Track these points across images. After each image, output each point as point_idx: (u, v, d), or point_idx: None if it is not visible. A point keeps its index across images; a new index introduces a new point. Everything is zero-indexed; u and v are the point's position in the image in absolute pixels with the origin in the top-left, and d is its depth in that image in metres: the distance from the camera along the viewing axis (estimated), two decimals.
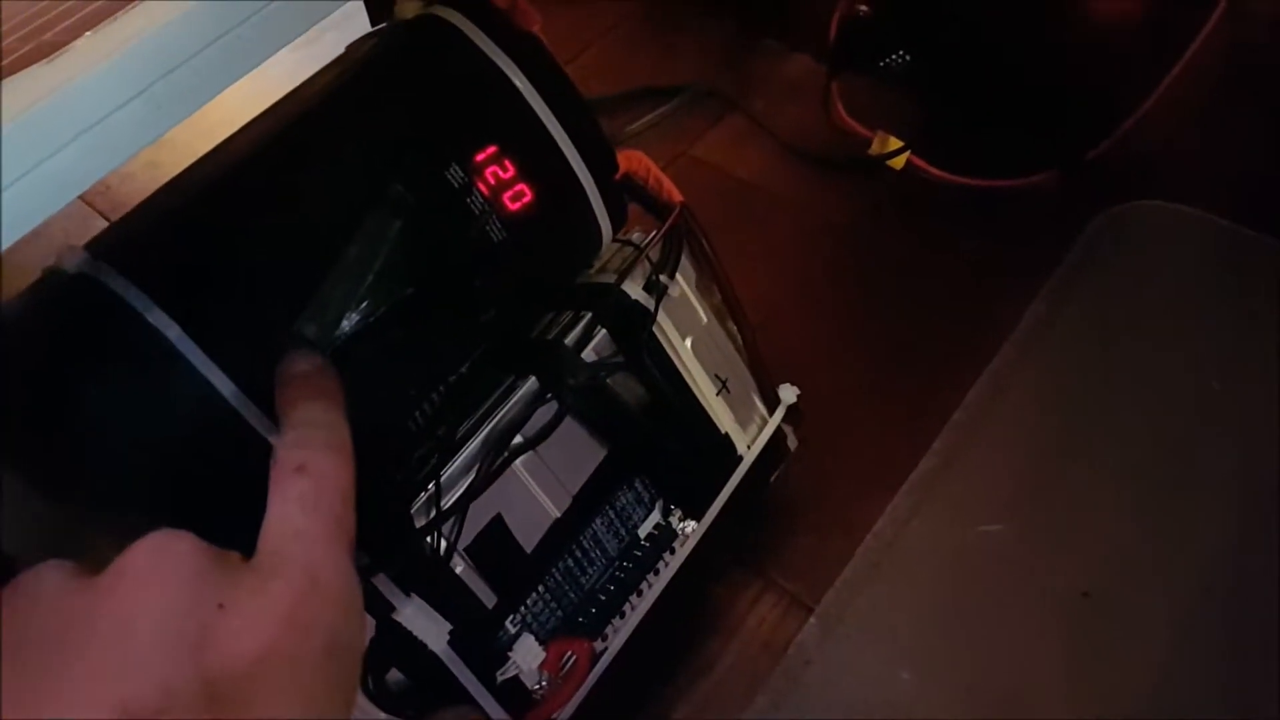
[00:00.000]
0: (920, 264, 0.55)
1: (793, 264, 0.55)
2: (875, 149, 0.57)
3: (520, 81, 0.34)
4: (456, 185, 0.33)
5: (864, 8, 0.58)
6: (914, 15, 0.57)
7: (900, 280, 0.55)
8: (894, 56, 0.60)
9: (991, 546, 0.48)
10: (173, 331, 0.28)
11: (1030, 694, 0.43)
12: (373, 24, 0.38)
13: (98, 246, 0.29)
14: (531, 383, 0.37)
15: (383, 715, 0.33)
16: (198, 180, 0.31)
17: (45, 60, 0.25)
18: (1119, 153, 0.56)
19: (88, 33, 0.25)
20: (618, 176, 0.39)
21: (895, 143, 0.57)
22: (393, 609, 0.32)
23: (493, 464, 0.35)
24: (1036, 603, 0.46)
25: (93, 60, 0.24)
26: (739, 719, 0.43)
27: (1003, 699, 0.43)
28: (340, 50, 0.36)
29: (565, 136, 0.35)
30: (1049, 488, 0.49)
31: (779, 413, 0.44)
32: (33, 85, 0.25)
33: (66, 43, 0.25)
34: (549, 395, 0.37)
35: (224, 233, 0.30)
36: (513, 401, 0.36)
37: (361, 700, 0.32)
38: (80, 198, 0.34)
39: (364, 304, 0.31)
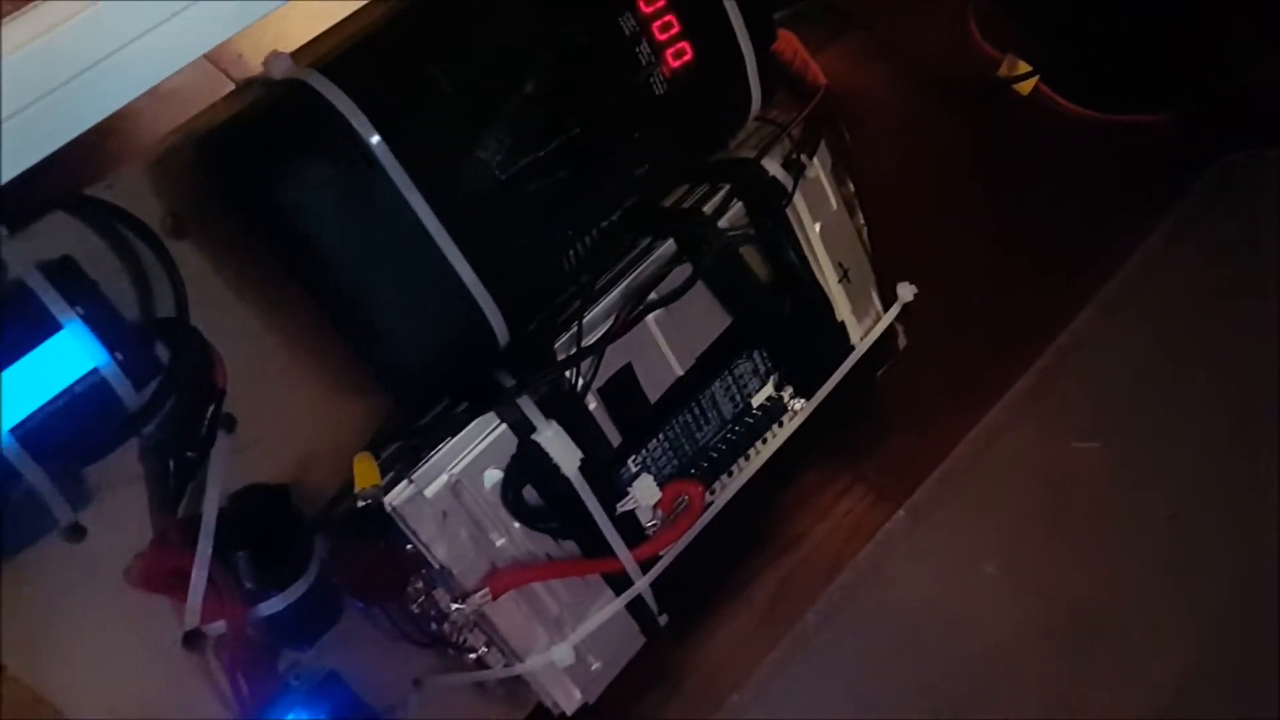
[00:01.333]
0: (1039, 189, 0.54)
1: (913, 176, 0.54)
2: (1004, 71, 0.57)
3: None
4: (628, 33, 0.34)
5: None
6: None
7: (1019, 202, 0.54)
8: None
9: (1083, 463, 0.48)
10: (372, 137, 0.30)
11: (1106, 605, 0.44)
12: None
13: (301, 58, 0.31)
14: (669, 244, 0.38)
15: (518, 525, 0.35)
16: (392, 10, 0.33)
17: None
18: (1246, 97, 0.54)
19: None
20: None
21: (1024, 67, 0.56)
22: (533, 429, 0.34)
23: (629, 315, 0.37)
24: (1123, 520, 0.46)
25: None
26: (822, 593, 0.45)
27: (1079, 606, 0.44)
28: None
29: (734, 2, 0.36)
30: (1145, 413, 0.49)
31: (894, 309, 0.44)
32: None
33: None
34: (684, 258, 0.38)
35: (418, 57, 0.31)
36: (651, 260, 0.38)
37: (501, 511, 0.35)
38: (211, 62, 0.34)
39: (535, 138, 0.33)
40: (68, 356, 0.29)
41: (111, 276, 0.31)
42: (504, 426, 0.34)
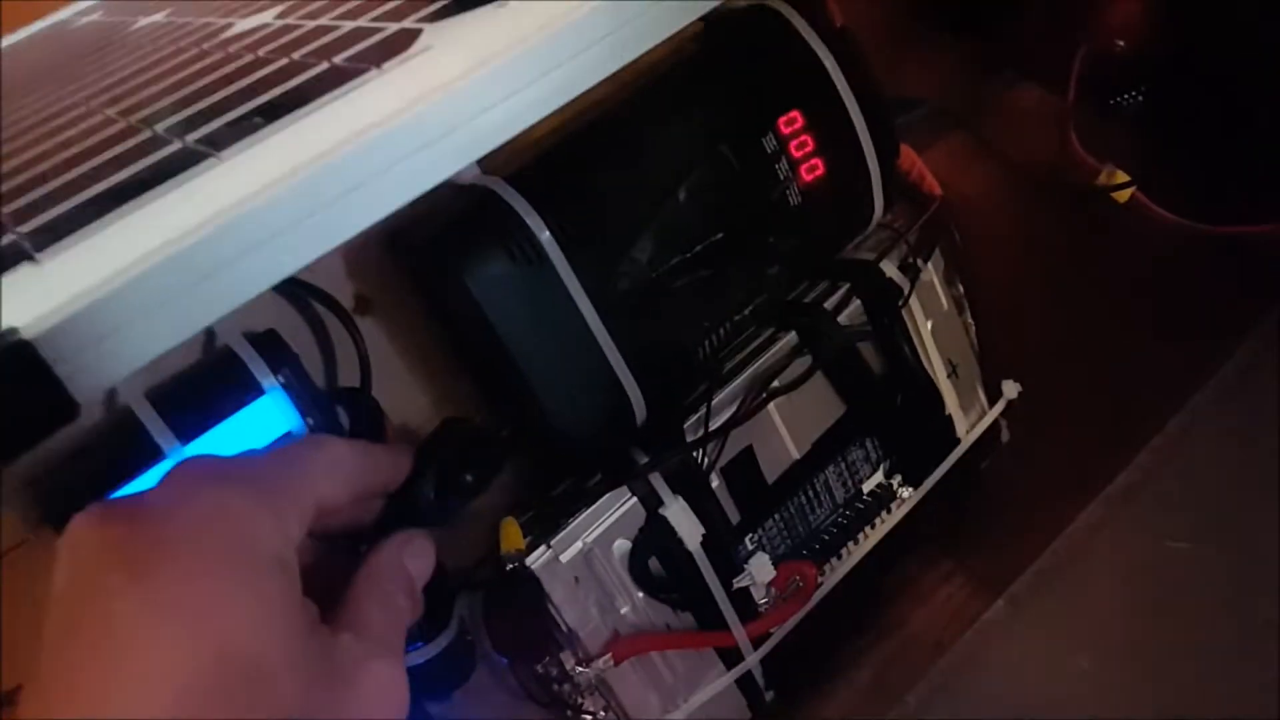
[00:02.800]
0: (1135, 294, 0.55)
1: (1014, 276, 0.56)
2: (1103, 180, 0.58)
3: (832, 67, 0.38)
4: (769, 151, 0.37)
5: (1121, 42, 0.59)
6: (1169, 54, 0.57)
7: (1115, 306, 0.55)
8: (1128, 95, 0.61)
9: (1178, 562, 0.48)
10: (544, 235, 0.33)
11: (1200, 706, 0.44)
12: None
13: (485, 164, 0.35)
14: (791, 336, 0.40)
15: (641, 595, 0.37)
16: (565, 124, 0.36)
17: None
18: None
19: None
20: None
21: (1122, 176, 0.58)
22: (661, 503, 0.36)
23: (753, 401, 0.39)
24: (1218, 622, 0.46)
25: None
26: (922, 677, 0.45)
27: (1175, 705, 0.43)
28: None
29: (862, 121, 0.38)
30: (1240, 517, 0.48)
31: (999, 406, 0.46)
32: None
33: None
34: (805, 350, 0.40)
35: (588, 168, 0.35)
36: (774, 350, 0.40)
37: (627, 580, 0.37)
38: None
39: (683, 241, 0.36)
40: (267, 419, 0.33)
41: (305, 348, 0.35)
42: (634, 500, 0.37)
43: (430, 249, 0.34)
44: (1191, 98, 0.58)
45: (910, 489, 0.43)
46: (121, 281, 0.23)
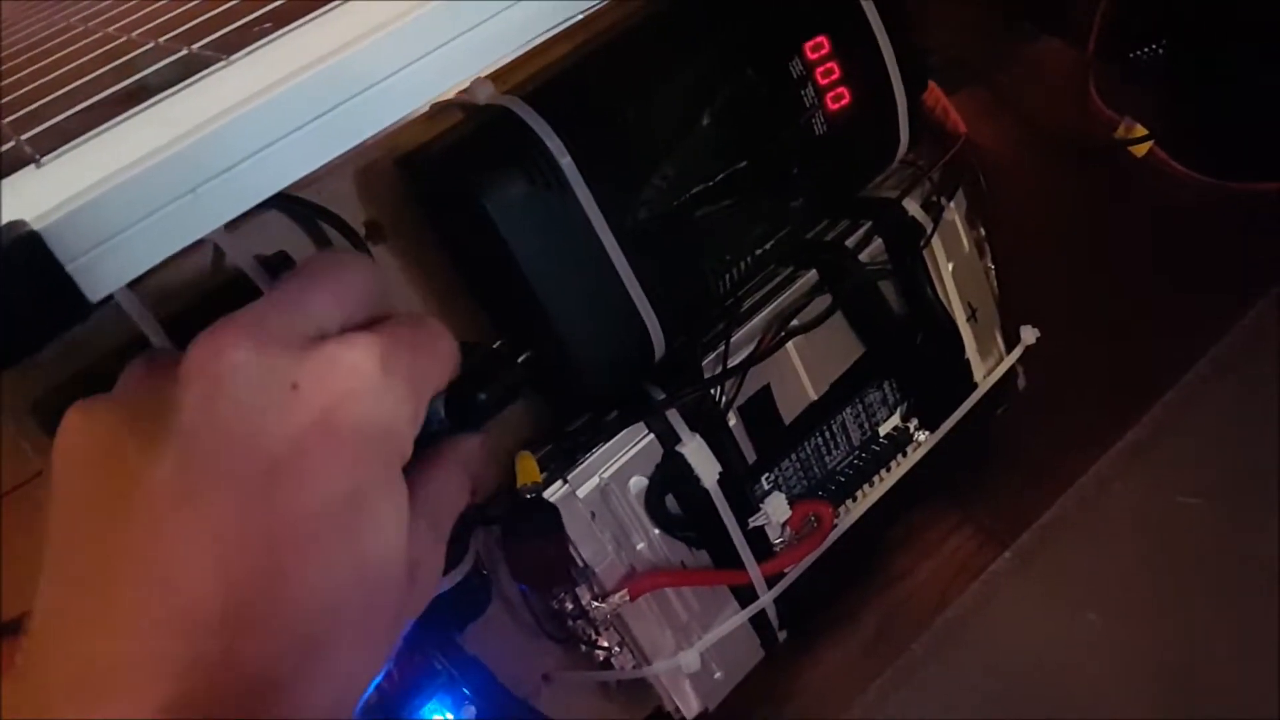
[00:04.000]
0: (1156, 248, 0.54)
1: (1033, 226, 0.54)
2: (1121, 134, 0.56)
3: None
4: (796, 76, 0.35)
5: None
6: (1189, 6, 0.56)
7: (1133, 259, 0.54)
8: (1148, 48, 0.59)
9: (1188, 517, 0.47)
10: (564, 159, 0.31)
11: (1207, 663, 0.43)
12: None
13: (503, 84, 0.33)
14: (812, 274, 0.39)
15: (658, 531, 0.36)
16: (585, 45, 0.34)
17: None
18: None
19: None
20: None
21: (1141, 130, 0.56)
22: (679, 440, 0.35)
23: (772, 339, 0.38)
24: (1226, 577, 0.45)
25: None
26: (928, 627, 0.44)
27: (1179, 660, 0.43)
28: None
29: (891, 50, 0.37)
30: (1252, 473, 0.48)
31: (1017, 351, 0.44)
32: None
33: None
34: (825, 288, 0.39)
35: (609, 91, 0.33)
36: (794, 288, 0.39)
37: (643, 517, 0.36)
38: None
39: (706, 169, 0.34)
40: None
41: None
42: (651, 436, 0.35)
43: (445, 170, 0.32)
44: (1211, 52, 0.57)
45: (926, 432, 0.42)
46: (124, 179, 0.21)
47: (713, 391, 0.37)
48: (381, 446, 0.22)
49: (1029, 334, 0.45)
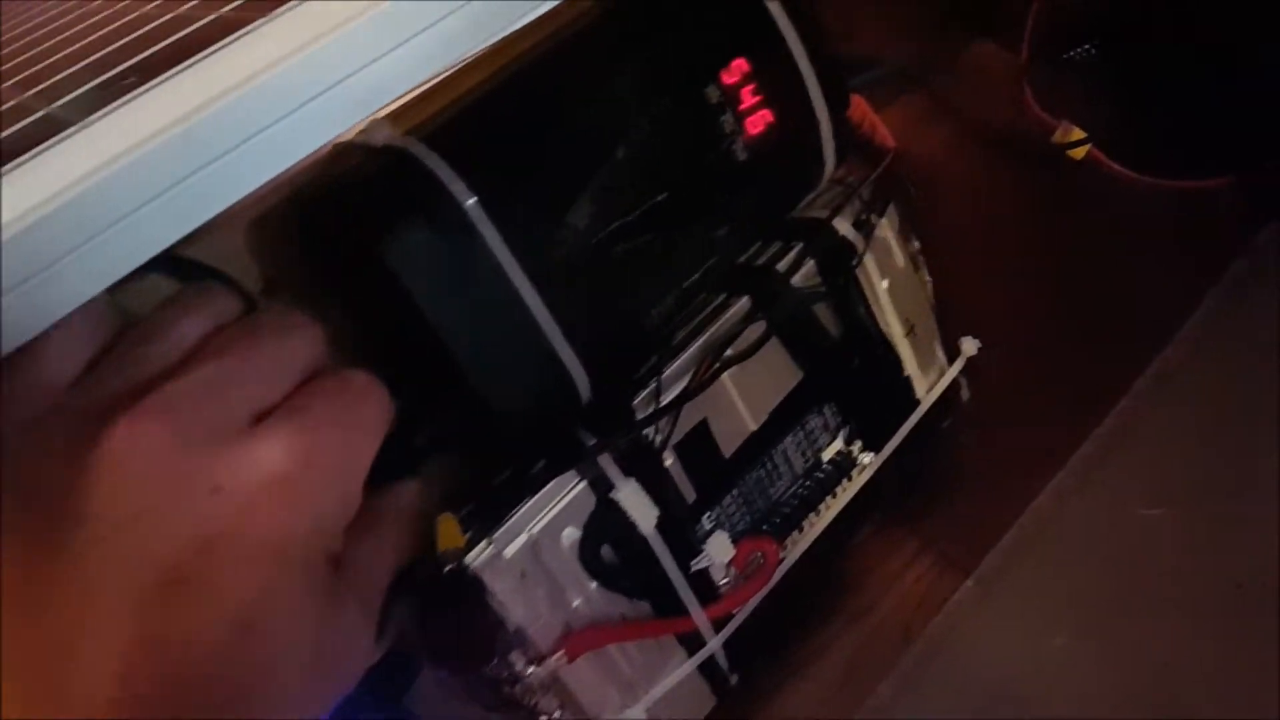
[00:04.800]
0: (1098, 252, 0.54)
1: (972, 236, 0.54)
2: (1058, 138, 0.56)
3: (776, 11, 0.35)
4: (713, 103, 0.34)
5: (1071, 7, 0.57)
6: (1118, 11, 0.56)
7: (1078, 264, 0.54)
8: (1082, 49, 0.59)
9: (1150, 530, 0.46)
10: (469, 201, 0.30)
11: (1177, 677, 0.43)
12: None
13: (401, 124, 0.32)
14: (744, 302, 0.38)
15: (595, 585, 0.34)
16: (490, 78, 0.33)
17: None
18: None
19: None
20: None
21: (1078, 133, 0.56)
22: (612, 486, 0.34)
23: (706, 372, 0.36)
24: (1193, 591, 0.44)
25: None
26: (895, 665, 0.43)
27: (1148, 680, 0.42)
28: None
29: (810, 69, 0.36)
30: (1210, 480, 0.47)
31: (958, 363, 0.44)
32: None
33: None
34: (759, 315, 0.38)
35: (516, 126, 0.31)
36: (726, 317, 0.37)
37: (578, 570, 0.34)
38: None
39: (624, 204, 0.32)
40: None
41: None
42: (583, 484, 0.34)
43: (339, 221, 0.30)
44: (1143, 51, 0.57)
45: (871, 454, 0.41)
46: None
47: (647, 431, 0.35)
48: (301, 549, 0.21)
49: (969, 345, 0.44)
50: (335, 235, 0.31)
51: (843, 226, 0.39)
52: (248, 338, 0.24)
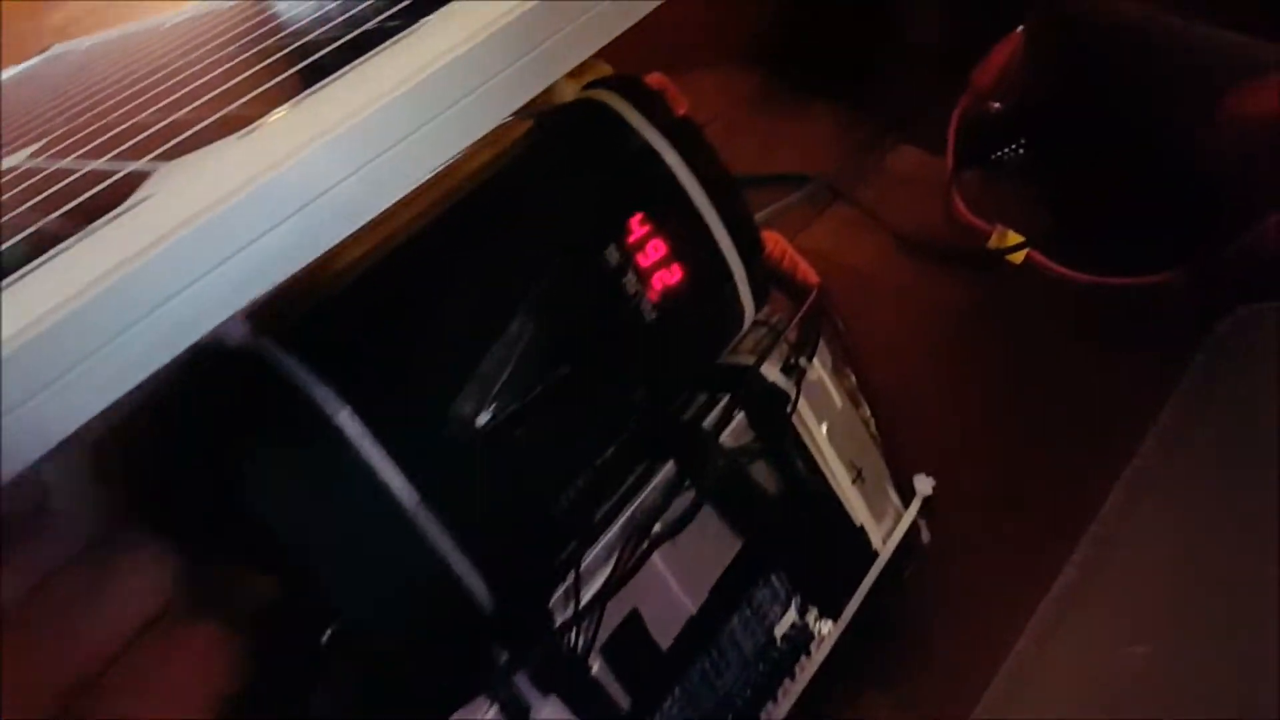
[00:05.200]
0: (1044, 361, 0.51)
1: (913, 355, 0.52)
2: (994, 243, 0.55)
3: (674, 161, 0.33)
4: (613, 265, 0.31)
5: (996, 105, 0.56)
6: (1039, 107, 0.55)
7: (1024, 377, 0.51)
8: (1009, 149, 0.58)
9: (1137, 670, 0.42)
10: (339, 411, 0.26)
11: None
12: None
13: (260, 321, 0.28)
14: (669, 468, 0.34)
15: None
16: (360, 260, 0.30)
17: (237, 135, 0.24)
18: (1252, 253, 0.53)
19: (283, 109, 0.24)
20: None
21: (1015, 237, 0.54)
22: (529, 709, 0.29)
23: (632, 554, 0.33)
24: None
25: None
26: None
27: None
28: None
29: (715, 216, 0.33)
30: (1196, 606, 0.43)
31: (914, 505, 0.40)
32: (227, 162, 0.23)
33: (255, 117, 0.25)
34: (687, 482, 0.34)
35: (388, 312, 0.28)
36: (651, 487, 0.34)
37: None
38: None
39: (519, 385, 0.29)
40: None
41: None
42: (495, 710, 0.29)
43: (192, 441, 0.27)
44: (1071, 147, 0.56)
45: (829, 622, 0.37)
46: None
47: (568, 635, 0.31)
48: None
49: (923, 484, 0.41)
50: (189, 463, 0.28)
51: (771, 373, 0.37)
52: (88, 591, 0.21)
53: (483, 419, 0.28)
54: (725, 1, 0.68)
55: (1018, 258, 0.54)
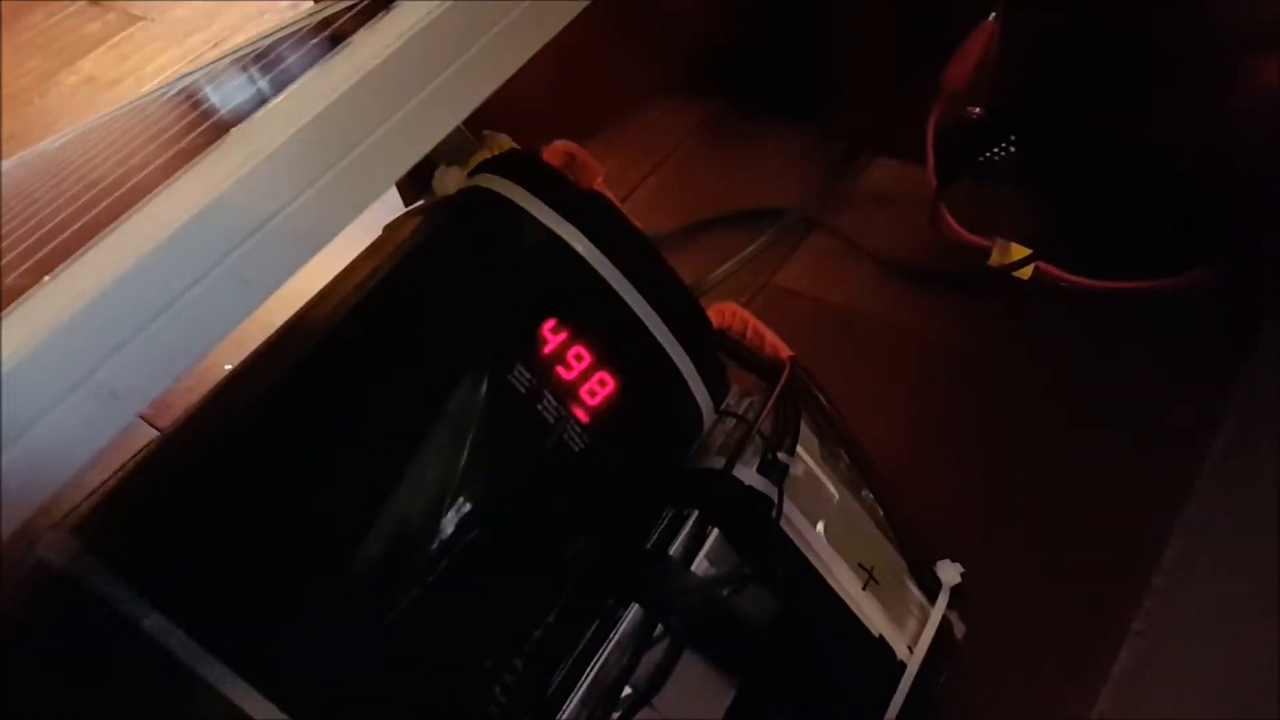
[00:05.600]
0: (1067, 391, 0.44)
1: (914, 401, 0.45)
2: (996, 259, 0.47)
3: (585, 248, 0.27)
4: (524, 389, 0.26)
5: (976, 110, 0.50)
6: (1027, 102, 0.49)
7: (1047, 413, 0.44)
8: (998, 149, 0.52)
9: None
10: (174, 639, 0.21)
11: None
12: (404, 200, 0.33)
13: (88, 527, 0.23)
14: (635, 613, 0.28)
15: None
16: (213, 426, 0.25)
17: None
18: None
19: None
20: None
21: (1019, 250, 0.47)
22: None
23: None
24: None
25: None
26: None
27: None
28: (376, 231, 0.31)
29: (646, 305, 0.28)
30: (1262, 688, 0.37)
31: (942, 598, 0.34)
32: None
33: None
34: (658, 628, 0.29)
35: (238, 500, 0.23)
36: (614, 640, 0.28)
37: None
38: None
39: (415, 564, 0.24)
40: None
41: None
42: None
43: (16, 684, 0.22)
44: (1069, 135, 0.50)
45: None
46: None
47: None
48: None
49: (949, 571, 0.34)
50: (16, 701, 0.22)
51: (747, 474, 0.30)
52: None
53: (373, 618, 0.23)
54: (666, 25, 0.63)
55: (1025, 273, 0.48)
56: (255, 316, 0.21)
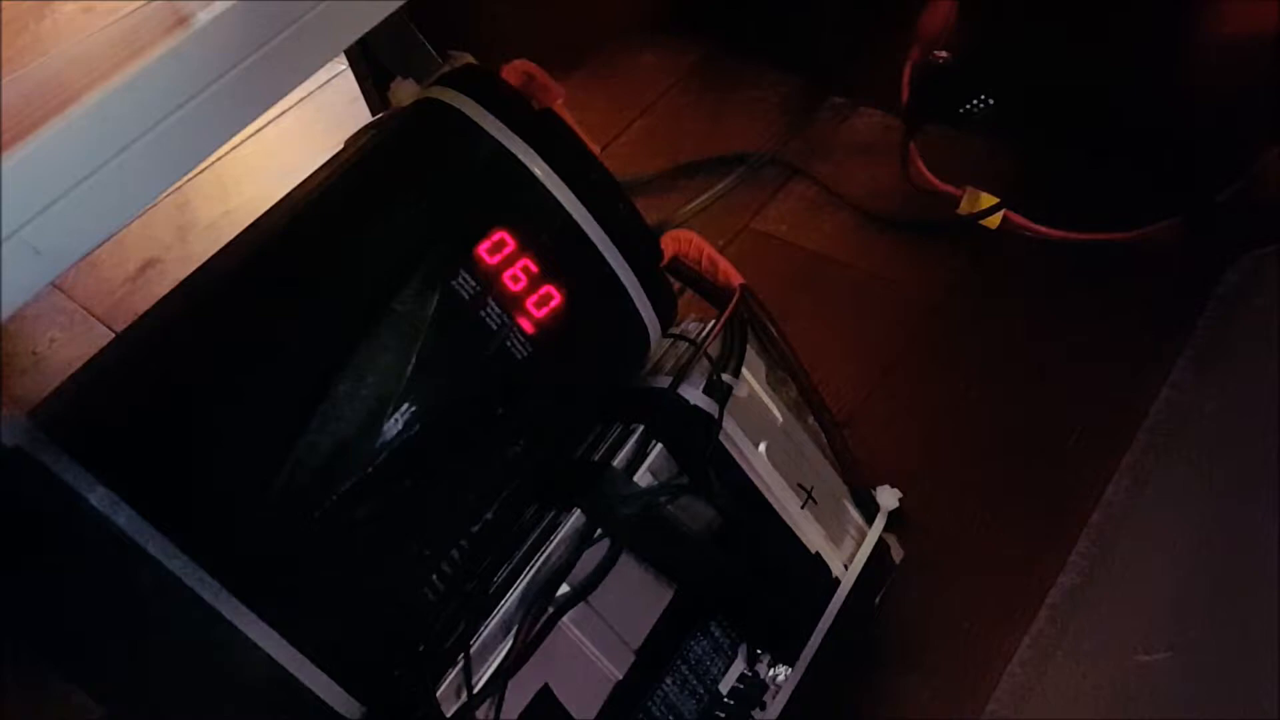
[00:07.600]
0: (1028, 336, 0.45)
1: (879, 345, 0.46)
2: (965, 208, 0.48)
3: (538, 166, 0.27)
4: (468, 296, 0.26)
5: (943, 54, 0.50)
6: (1000, 54, 0.49)
7: (1006, 357, 0.45)
8: (975, 102, 0.52)
9: (1153, 681, 0.36)
10: (121, 514, 0.22)
11: None
12: (370, 107, 0.33)
13: (43, 411, 0.24)
14: (576, 517, 0.29)
15: None
16: (168, 317, 0.25)
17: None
18: (1251, 193, 0.46)
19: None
20: (664, 261, 0.32)
21: (988, 199, 0.47)
22: None
23: (534, 624, 0.28)
24: None
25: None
26: None
27: None
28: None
29: (595, 224, 0.28)
30: (1212, 601, 0.37)
31: (879, 521, 0.35)
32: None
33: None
34: (598, 531, 0.29)
35: (187, 383, 0.23)
36: (555, 541, 0.29)
37: None
38: None
39: (357, 453, 0.25)
40: None
41: None
42: None
43: None
44: (1041, 92, 0.49)
45: (785, 668, 0.32)
46: None
47: None
48: None
49: (888, 496, 0.35)
50: None
51: (692, 393, 0.31)
52: None
53: (314, 502, 0.23)
54: None
55: (993, 221, 0.48)
56: (233, 220, 0.21)
